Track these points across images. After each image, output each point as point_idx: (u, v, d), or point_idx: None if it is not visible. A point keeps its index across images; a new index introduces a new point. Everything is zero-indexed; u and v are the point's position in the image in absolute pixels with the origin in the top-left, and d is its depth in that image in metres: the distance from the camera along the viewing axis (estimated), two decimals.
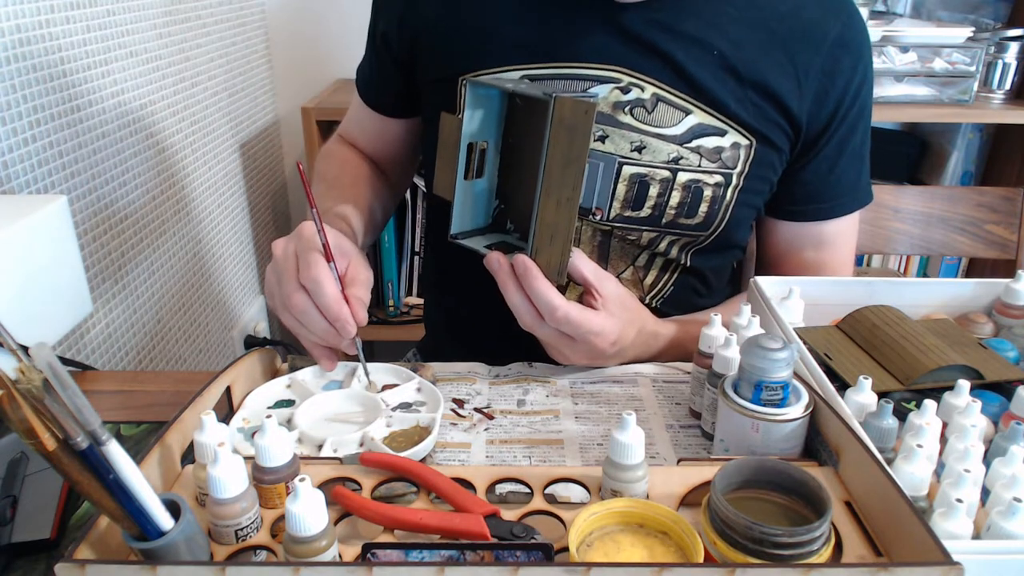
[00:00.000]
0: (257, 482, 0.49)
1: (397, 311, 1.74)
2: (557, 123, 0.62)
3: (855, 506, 0.48)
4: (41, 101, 0.92)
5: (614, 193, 0.77)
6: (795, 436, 0.54)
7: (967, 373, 0.61)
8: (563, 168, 0.62)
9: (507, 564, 0.40)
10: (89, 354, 1.03)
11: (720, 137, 0.76)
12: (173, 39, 1.28)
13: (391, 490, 0.53)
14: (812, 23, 0.76)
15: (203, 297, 1.43)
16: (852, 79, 0.78)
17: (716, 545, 0.43)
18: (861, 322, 0.68)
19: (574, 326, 0.65)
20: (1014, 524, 0.45)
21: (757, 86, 0.75)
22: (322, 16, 1.73)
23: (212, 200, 1.46)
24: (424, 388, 0.68)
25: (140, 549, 0.41)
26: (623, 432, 0.48)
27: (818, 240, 0.86)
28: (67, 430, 0.37)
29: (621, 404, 0.69)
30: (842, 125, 0.79)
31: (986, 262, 1.67)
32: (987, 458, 0.52)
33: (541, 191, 0.63)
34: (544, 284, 0.64)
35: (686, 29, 0.75)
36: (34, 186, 0.91)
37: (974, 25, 1.59)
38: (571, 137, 0.61)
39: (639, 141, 0.76)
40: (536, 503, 0.49)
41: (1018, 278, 0.71)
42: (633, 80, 0.75)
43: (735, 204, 0.79)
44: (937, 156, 1.74)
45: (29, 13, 0.90)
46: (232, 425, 0.62)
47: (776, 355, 0.53)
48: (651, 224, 0.79)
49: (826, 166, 0.81)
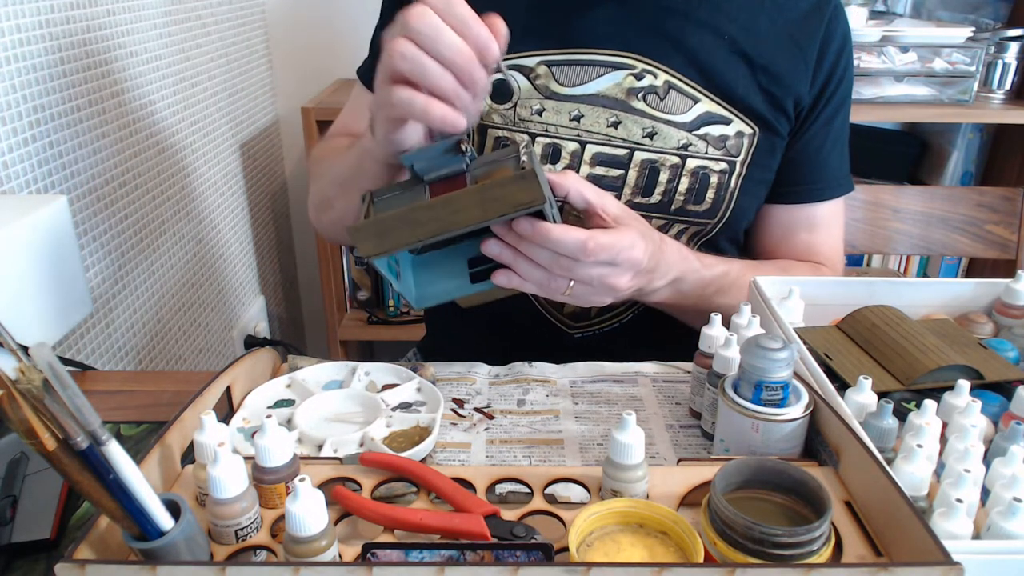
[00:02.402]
0: (257, 482, 0.49)
1: (397, 311, 1.74)
2: None
3: (855, 506, 0.48)
4: (41, 101, 0.92)
5: (625, 179, 0.79)
6: (795, 436, 0.54)
7: (967, 373, 0.61)
8: None
9: (507, 564, 0.40)
10: (89, 354, 1.03)
11: (725, 126, 0.79)
12: (173, 39, 1.28)
13: (391, 490, 0.53)
14: (808, 11, 0.81)
15: (203, 297, 1.43)
16: (838, 64, 0.82)
17: (716, 545, 0.43)
18: (861, 322, 0.68)
19: (609, 249, 0.61)
20: (1014, 524, 0.45)
21: (767, 70, 0.79)
22: (322, 16, 1.73)
23: (212, 200, 1.46)
24: (424, 388, 0.68)
25: (140, 549, 0.41)
26: (623, 432, 0.48)
27: (811, 222, 0.88)
28: (67, 430, 0.37)
29: (621, 404, 0.69)
30: (827, 106, 0.83)
31: (986, 262, 1.67)
32: (987, 458, 0.52)
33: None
34: (559, 229, 0.59)
35: (698, 16, 0.78)
36: (34, 186, 0.91)
37: (974, 25, 1.59)
38: None
39: (651, 127, 0.78)
40: (536, 503, 0.49)
41: (1018, 278, 0.71)
42: (647, 67, 0.78)
43: (739, 192, 0.82)
44: (937, 156, 1.74)
45: (29, 13, 0.90)
46: (232, 425, 0.62)
47: (776, 355, 0.53)
48: (660, 211, 0.80)
49: (814, 147, 0.85)
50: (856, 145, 0.93)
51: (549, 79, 0.79)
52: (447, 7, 0.54)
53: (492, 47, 0.55)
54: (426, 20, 0.54)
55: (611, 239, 0.62)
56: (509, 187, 0.55)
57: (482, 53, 0.55)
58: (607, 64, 0.78)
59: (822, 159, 0.86)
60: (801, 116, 0.82)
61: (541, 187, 0.56)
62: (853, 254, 1.55)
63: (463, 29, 0.54)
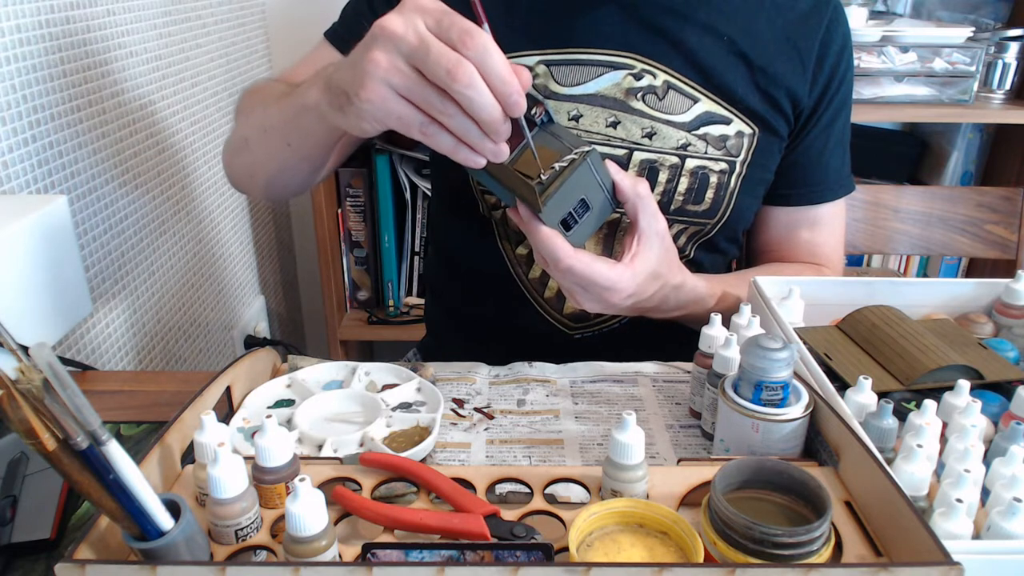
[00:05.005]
0: (257, 482, 0.49)
1: (397, 311, 1.74)
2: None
3: (855, 506, 0.48)
4: (41, 101, 0.92)
5: None
6: (795, 436, 0.54)
7: (967, 373, 0.61)
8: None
9: (507, 564, 0.40)
10: (89, 354, 1.03)
11: (725, 126, 0.79)
12: (173, 39, 1.28)
13: (391, 490, 0.53)
14: (807, 12, 0.80)
15: (203, 297, 1.43)
16: (838, 66, 0.82)
17: (716, 545, 0.43)
18: (861, 322, 0.68)
19: (581, 279, 0.64)
20: (1014, 524, 0.45)
21: (765, 71, 0.79)
22: (322, 16, 1.72)
23: (212, 200, 1.46)
24: (424, 388, 0.68)
25: (140, 549, 0.41)
26: (623, 432, 0.48)
27: (813, 221, 0.89)
28: (67, 430, 0.37)
29: (621, 404, 0.69)
30: (828, 109, 0.83)
31: (986, 262, 1.67)
32: (987, 458, 0.52)
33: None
34: (542, 233, 0.62)
35: (698, 16, 0.78)
36: (34, 186, 0.91)
37: (974, 25, 1.59)
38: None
39: (650, 127, 0.78)
40: (536, 503, 0.49)
41: (1018, 278, 0.71)
42: (646, 67, 0.78)
43: (739, 192, 0.82)
44: (937, 156, 1.74)
45: (29, 13, 0.90)
46: (232, 425, 0.62)
47: (776, 355, 0.53)
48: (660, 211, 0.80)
49: (816, 149, 0.85)
50: (856, 145, 0.93)
51: (548, 79, 0.78)
52: (483, 63, 0.52)
53: (521, 104, 0.54)
54: (467, 79, 0.51)
55: (589, 270, 0.63)
56: (525, 184, 0.62)
57: (510, 109, 0.54)
58: (606, 64, 0.78)
59: (824, 161, 0.86)
60: (801, 119, 0.82)
61: (539, 200, 0.62)
62: (853, 254, 1.55)
63: (500, 88, 0.52)
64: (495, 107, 0.53)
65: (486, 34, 0.52)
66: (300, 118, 0.67)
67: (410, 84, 0.53)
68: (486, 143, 0.55)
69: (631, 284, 0.66)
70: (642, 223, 0.67)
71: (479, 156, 0.57)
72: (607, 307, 0.68)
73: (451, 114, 0.54)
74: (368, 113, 0.56)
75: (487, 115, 0.53)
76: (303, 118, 0.67)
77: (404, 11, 0.53)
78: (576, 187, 0.64)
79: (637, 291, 0.67)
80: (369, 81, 0.54)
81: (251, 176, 0.82)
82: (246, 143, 0.80)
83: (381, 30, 0.53)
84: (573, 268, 0.63)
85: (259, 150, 0.77)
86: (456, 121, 0.54)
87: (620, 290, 0.66)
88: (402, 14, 0.53)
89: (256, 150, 0.78)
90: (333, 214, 1.63)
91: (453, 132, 0.55)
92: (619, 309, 0.69)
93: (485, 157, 0.57)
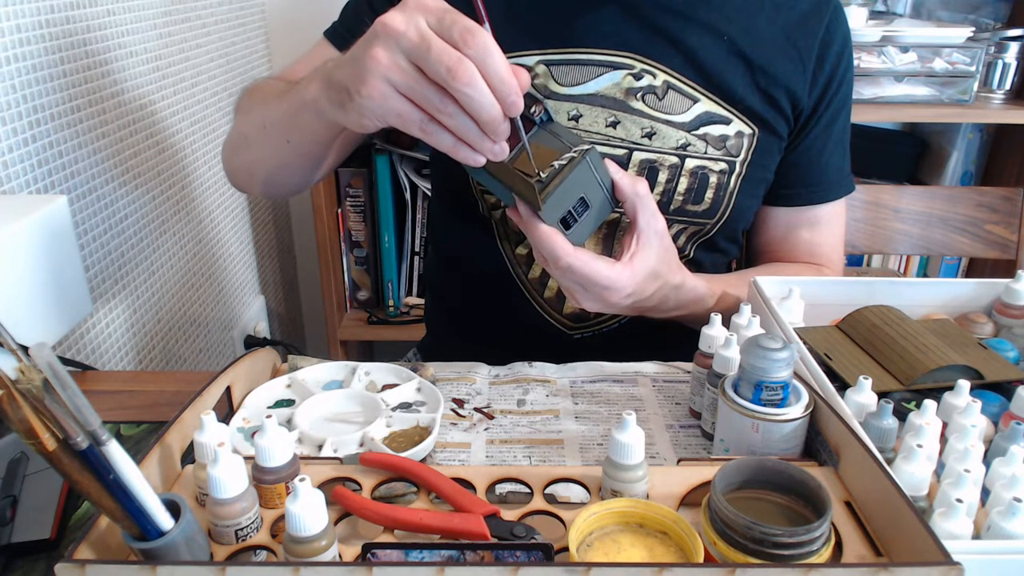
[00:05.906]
0: (257, 482, 0.49)
1: (397, 311, 1.74)
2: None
3: (855, 506, 0.48)
4: (41, 101, 0.92)
5: None
6: (795, 436, 0.54)
7: (967, 373, 0.61)
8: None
9: (507, 564, 0.40)
10: (89, 354, 1.03)
11: (725, 125, 0.79)
12: (173, 39, 1.28)
13: (391, 490, 0.53)
14: (807, 12, 0.80)
15: (203, 297, 1.43)
16: (838, 67, 0.82)
17: (716, 545, 0.43)
18: (861, 322, 0.68)
19: (580, 277, 0.64)
20: (1014, 524, 0.45)
21: (765, 71, 0.79)
22: (322, 16, 1.72)
23: (212, 200, 1.46)
24: (424, 388, 0.68)
25: (140, 549, 0.41)
26: (623, 432, 0.48)
27: (813, 221, 0.89)
28: (67, 430, 0.37)
29: (621, 404, 0.69)
30: (828, 109, 0.83)
31: (986, 262, 1.67)
32: (987, 458, 0.52)
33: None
34: (540, 231, 0.63)
35: (698, 16, 0.78)
36: (34, 186, 0.91)
37: (974, 25, 1.59)
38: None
39: (649, 127, 0.78)
40: (536, 503, 0.49)
41: (1018, 278, 0.71)
42: (645, 67, 0.78)
43: (738, 192, 0.82)
44: (937, 156, 1.74)
45: (29, 13, 0.90)
46: (232, 425, 0.62)
47: (776, 355, 0.53)
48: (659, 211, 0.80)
49: (816, 150, 0.85)
50: (856, 145, 0.93)
51: (548, 79, 0.78)
52: (484, 62, 0.52)
53: (519, 105, 0.54)
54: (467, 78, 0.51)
55: (588, 268, 0.63)
56: (525, 182, 0.62)
57: (508, 109, 0.54)
58: (606, 64, 0.78)
59: (824, 162, 0.86)
60: (801, 119, 0.82)
61: (539, 198, 0.62)
62: (853, 254, 1.55)
63: (499, 87, 0.53)
64: (495, 106, 0.53)
65: (487, 33, 0.52)
66: (300, 114, 0.67)
67: (410, 82, 0.53)
68: (485, 142, 0.56)
69: (630, 283, 0.66)
70: (641, 222, 0.67)
71: (479, 155, 0.57)
72: (606, 306, 0.68)
73: (451, 112, 0.54)
74: (368, 109, 0.56)
75: (487, 114, 0.53)
76: (303, 114, 0.67)
77: (406, 8, 0.54)
78: (575, 185, 0.64)
79: (636, 290, 0.67)
80: (370, 77, 0.54)
81: (250, 174, 0.83)
82: (245, 140, 0.80)
83: (383, 27, 0.53)
84: (572, 266, 0.63)
85: (259, 147, 0.77)
86: (456, 120, 0.54)
87: (619, 289, 0.66)
88: (404, 11, 0.53)
89: (256, 147, 0.78)
90: (333, 214, 1.63)
91: (453, 131, 0.55)
92: (618, 308, 0.69)
93: (485, 156, 0.57)
